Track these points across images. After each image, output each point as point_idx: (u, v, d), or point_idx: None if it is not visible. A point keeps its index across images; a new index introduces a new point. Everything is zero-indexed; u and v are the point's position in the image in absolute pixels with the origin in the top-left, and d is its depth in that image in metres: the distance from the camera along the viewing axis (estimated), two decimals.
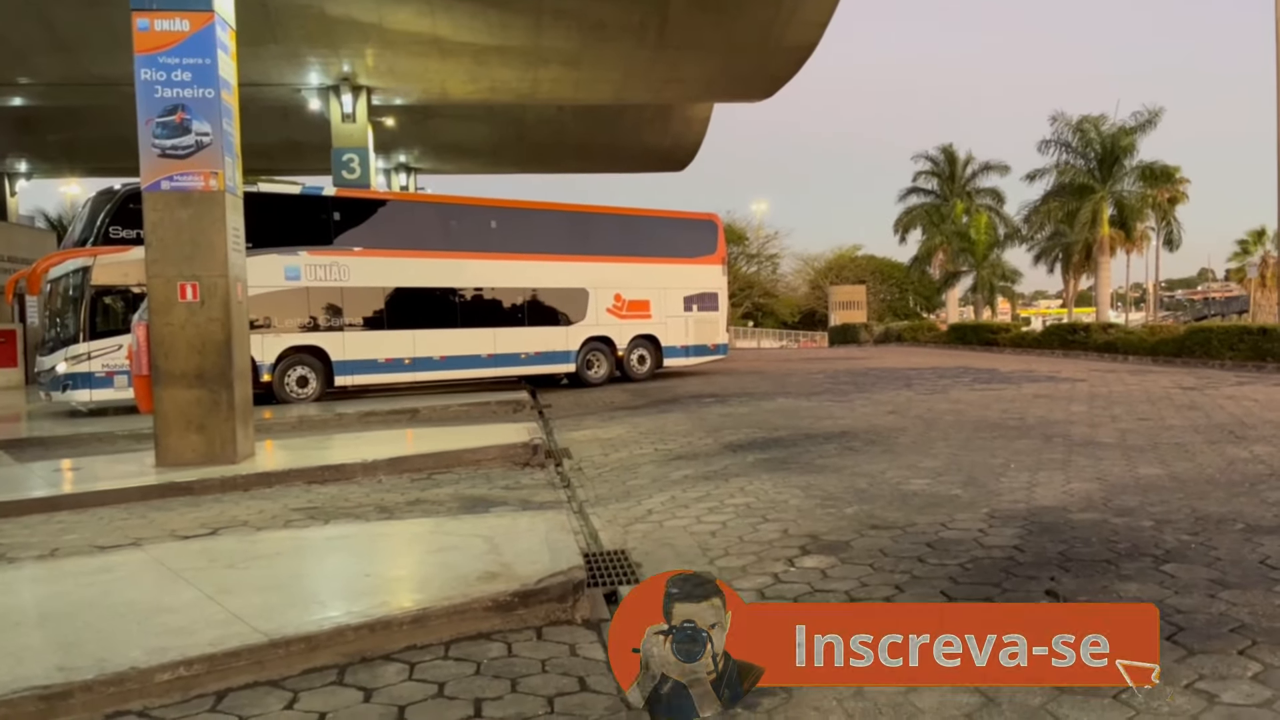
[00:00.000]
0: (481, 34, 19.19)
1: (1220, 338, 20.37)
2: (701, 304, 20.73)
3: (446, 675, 3.68)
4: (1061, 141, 39.26)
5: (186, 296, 8.65)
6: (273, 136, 25.97)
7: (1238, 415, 10.74)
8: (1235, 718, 3.06)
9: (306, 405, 15.18)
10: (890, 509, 6.30)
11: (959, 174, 48.23)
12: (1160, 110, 37.52)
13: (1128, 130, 38.00)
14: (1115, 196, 38.90)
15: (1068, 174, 39.37)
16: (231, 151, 8.90)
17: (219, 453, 8.65)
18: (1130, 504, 6.23)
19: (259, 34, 17.82)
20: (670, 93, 24.90)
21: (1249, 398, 12.68)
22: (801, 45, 20.40)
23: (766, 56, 21.01)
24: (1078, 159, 39.33)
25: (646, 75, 22.00)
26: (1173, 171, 39.36)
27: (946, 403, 12.90)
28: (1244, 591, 4.32)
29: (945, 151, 48.50)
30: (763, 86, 23.56)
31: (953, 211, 45.98)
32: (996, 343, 29.42)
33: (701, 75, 22.64)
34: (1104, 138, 38.34)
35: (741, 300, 54.84)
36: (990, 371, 18.92)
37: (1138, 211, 39.36)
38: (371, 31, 18.92)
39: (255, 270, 11.07)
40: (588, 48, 20.26)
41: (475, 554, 5.04)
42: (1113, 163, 38.55)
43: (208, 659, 3.60)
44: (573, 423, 12.65)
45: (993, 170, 47.45)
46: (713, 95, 26.72)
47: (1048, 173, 40.29)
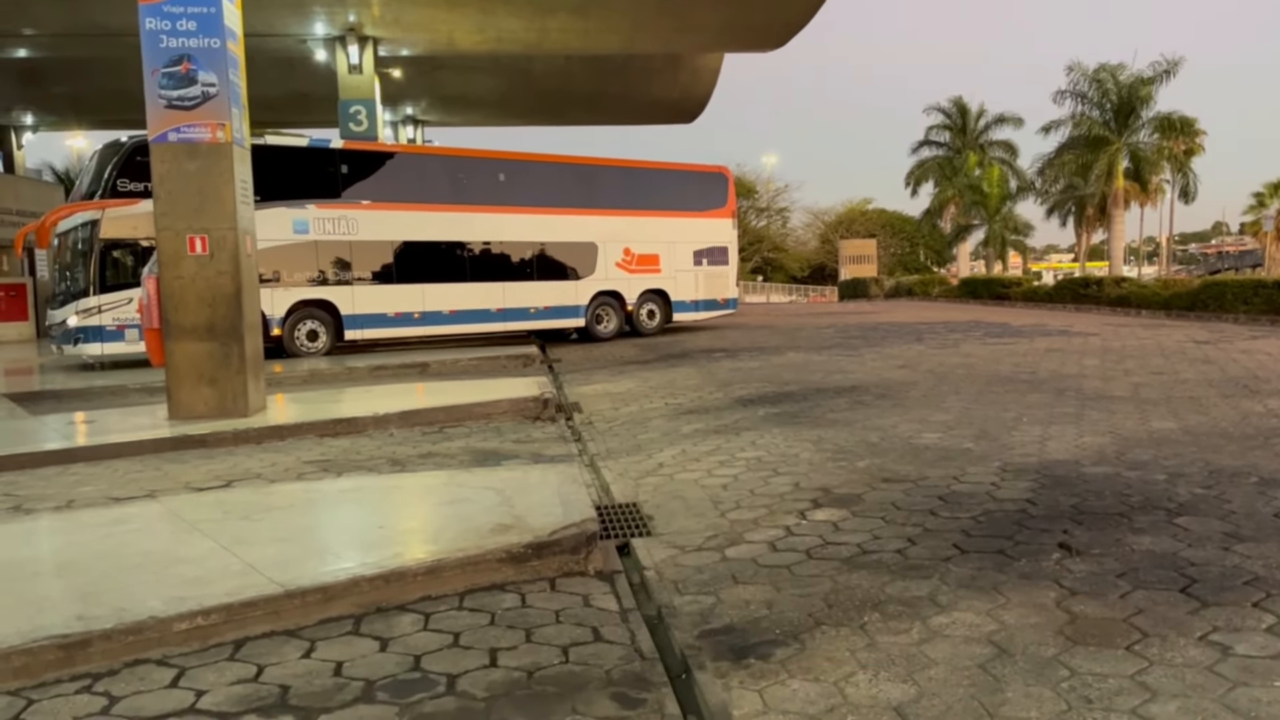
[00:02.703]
0: None
1: (1235, 291, 20.19)
2: (711, 258, 20.62)
3: (461, 625, 3.71)
4: (1077, 92, 38.61)
5: (196, 249, 8.62)
6: (279, 88, 25.71)
7: (1252, 369, 10.67)
8: (1249, 669, 3.07)
9: (317, 359, 15.22)
10: (902, 462, 6.29)
11: (971, 126, 47.60)
12: (1180, 60, 36.81)
13: (1146, 80, 37.34)
14: (1131, 148, 38.34)
15: (1083, 125, 38.77)
16: (238, 102, 8.81)
17: (230, 406, 8.69)
18: (1143, 458, 6.21)
19: None
20: (679, 42, 24.53)
21: (1263, 351, 12.60)
22: None
23: (778, 3, 20.63)
24: (1093, 110, 38.72)
25: (655, 24, 21.65)
26: (1191, 123, 38.74)
27: (958, 357, 12.85)
28: (1258, 544, 4.31)
29: (957, 104, 47.84)
30: (775, 35, 23.16)
31: (965, 164, 45.43)
32: (1008, 297, 29.24)
33: (711, 24, 22.26)
34: (1121, 88, 37.68)
35: (751, 254, 54.55)
36: (1002, 326, 18.82)
37: (1153, 164, 38.82)
38: None
39: (264, 224, 11.02)
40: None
41: (488, 506, 5.06)
42: (1129, 114, 37.93)
43: (225, 609, 3.63)
44: (582, 377, 12.66)
45: (1006, 122, 46.83)
46: (723, 45, 26.29)
47: (1063, 124, 39.70)
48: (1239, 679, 3.00)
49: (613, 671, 3.29)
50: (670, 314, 20.12)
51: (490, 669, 3.32)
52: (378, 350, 16.66)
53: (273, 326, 15.09)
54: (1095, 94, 38.30)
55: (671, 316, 20.16)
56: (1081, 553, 4.29)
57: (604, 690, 3.15)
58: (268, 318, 14.59)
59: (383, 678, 3.25)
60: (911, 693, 3.01)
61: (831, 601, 3.82)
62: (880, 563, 4.28)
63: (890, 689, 3.04)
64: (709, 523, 5.10)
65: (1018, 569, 4.12)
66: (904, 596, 3.84)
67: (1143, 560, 4.16)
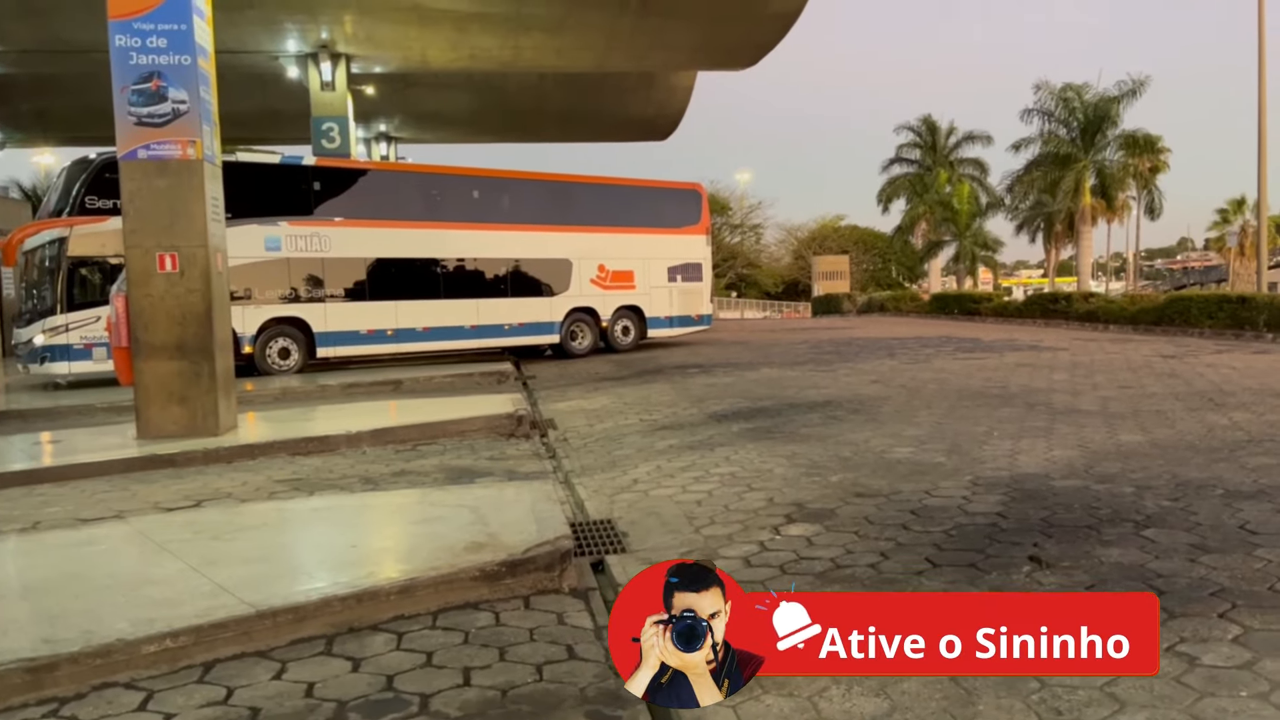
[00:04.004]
0: (462, 1, 18.94)
1: (1200, 306, 20.52)
2: (685, 274, 20.68)
3: (434, 644, 3.69)
4: (1045, 110, 39.22)
5: (165, 267, 8.55)
6: (251, 105, 25.59)
7: (1217, 383, 10.84)
8: (1215, 680, 3.11)
9: (289, 377, 15.10)
10: (875, 477, 6.33)
11: (941, 144, 48.19)
12: (1145, 79, 37.47)
13: (1111, 99, 37.98)
14: (1097, 166, 38.95)
15: (1051, 143, 39.36)
16: (209, 119, 8.77)
17: (201, 424, 8.60)
18: (1112, 470, 6.29)
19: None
20: (653, 60, 24.70)
21: (1228, 365, 12.80)
22: (786, 11, 20.25)
23: (750, 23, 20.83)
24: (1061, 128, 39.32)
25: (629, 43, 21.79)
26: (1155, 140, 39.43)
27: (930, 372, 12.96)
28: (1224, 556, 4.38)
29: (927, 122, 48.43)
30: (747, 54, 23.39)
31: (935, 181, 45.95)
32: (979, 312, 29.53)
33: (684, 43, 22.45)
34: (1087, 106, 38.31)
35: (725, 270, 54.79)
36: (973, 340, 19.00)
37: (1119, 181, 39.45)
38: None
39: (235, 241, 10.95)
40: (569, 14, 20.03)
41: (462, 524, 5.04)
42: (1095, 132, 38.55)
43: (194, 630, 3.59)
44: (557, 393, 12.65)
45: (975, 140, 47.46)
46: (696, 63, 26.51)
47: (1032, 142, 40.28)
48: (1206, 689, 3.05)
49: (587, 689, 3.28)
50: (645, 330, 20.15)
51: (464, 688, 3.31)
52: (351, 368, 16.56)
53: (244, 344, 14.96)
54: (1062, 112, 38.93)
55: (646, 333, 20.19)
56: (1051, 565, 4.33)
57: (578, 708, 3.14)
58: (239, 335, 14.47)
59: (355, 698, 3.23)
60: (885, 707, 3.03)
61: None
62: (854, 577, 4.30)
63: (864, 703, 3.06)
64: (684, 539, 5.11)
65: (989, 582, 4.15)
66: None
67: (1111, 572, 4.21)
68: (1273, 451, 6.75)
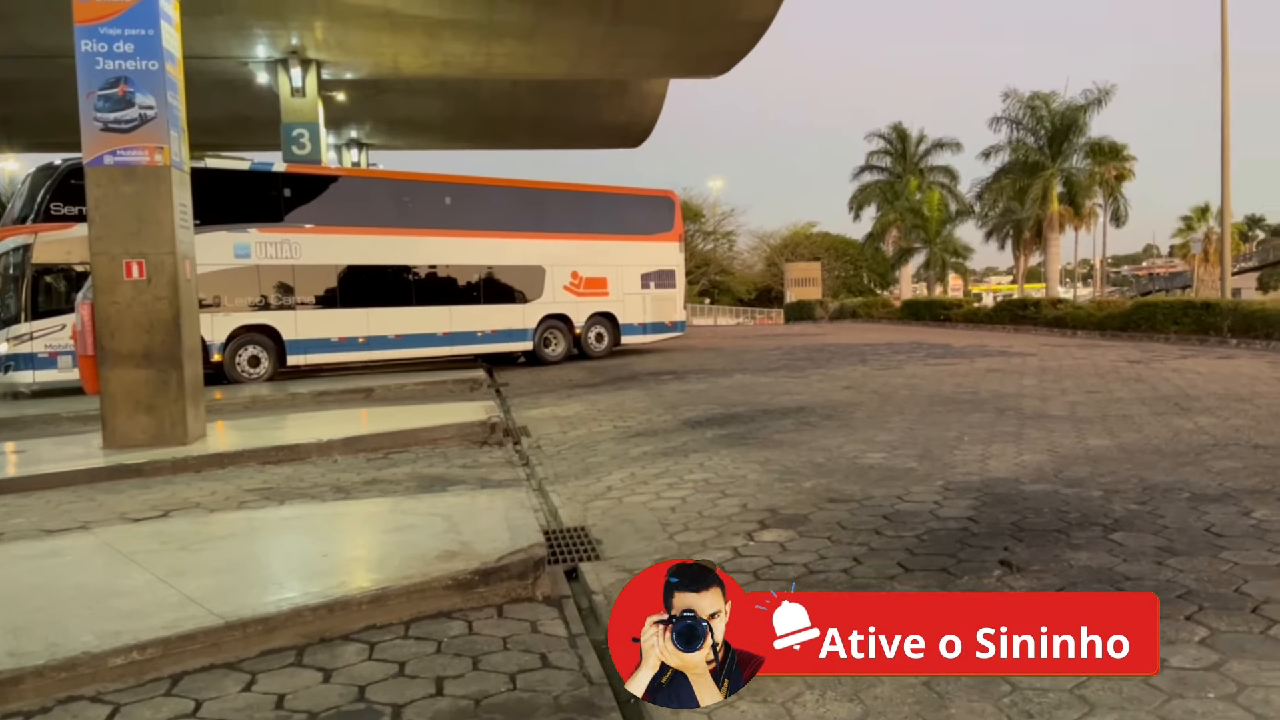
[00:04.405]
0: (433, 7, 18.90)
1: (1165, 312, 20.83)
2: (659, 281, 20.72)
3: (407, 654, 3.66)
4: (1013, 119, 39.70)
5: (132, 274, 8.44)
6: (220, 111, 25.37)
7: (1182, 387, 10.99)
8: (1183, 681, 3.14)
9: (259, 385, 14.96)
10: (847, 482, 6.37)
11: (911, 151, 48.59)
12: (1111, 88, 38.03)
13: (1078, 107, 38.50)
14: (1065, 173, 39.46)
15: (1020, 151, 39.84)
16: (177, 125, 8.69)
17: (169, 434, 8.50)
18: (1080, 475, 6.36)
19: (204, 5, 17.36)
20: (625, 68, 24.76)
21: (1193, 370, 12.99)
22: (757, 20, 20.36)
23: (722, 31, 20.94)
24: (1029, 136, 39.81)
25: (601, 50, 21.83)
26: (1120, 148, 40.03)
27: (901, 377, 13.05)
28: (1190, 559, 4.43)
29: (897, 129, 48.83)
30: (719, 62, 23.51)
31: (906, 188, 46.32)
32: (949, 318, 29.80)
33: (657, 50, 22.52)
34: (1054, 114, 38.81)
35: (698, 277, 54.92)
36: (944, 347, 19.16)
37: (1086, 188, 40.00)
38: (320, 3, 18.55)
39: (204, 248, 10.85)
40: (542, 22, 20.04)
41: (434, 533, 5.00)
42: (1063, 140, 39.05)
43: (162, 642, 3.54)
44: (530, 401, 12.61)
45: (945, 148, 47.89)
46: (668, 71, 26.60)
47: (1001, 150, 40.77)
48: (1174, 691, 3.08)
49: (561, 697, 3.27)
50: (618, 337, 20.15)
51: (436, 698, 3.28)
52: (322, 375, 16.42)
53: (213, 352, 14.82)
54: (1030, 120, 39.42)
55: (619, 339, 20.20)
56: (1022, 569, 4.37)
57: (552, 717, 3.13)
58: (208, 343, 14.32)
59: (326, 709, 3.19)
60: (858, 711, 3.04)
61: None
62: (827, 582, 4.31)
63: (837, 708, 3.07)
64: (658, 545, 5.11)
65: (960, 586, 4.18)
66: None
67: (1080, 575, 4.25)
68: (1237, 455, 6.86)
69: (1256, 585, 4.03)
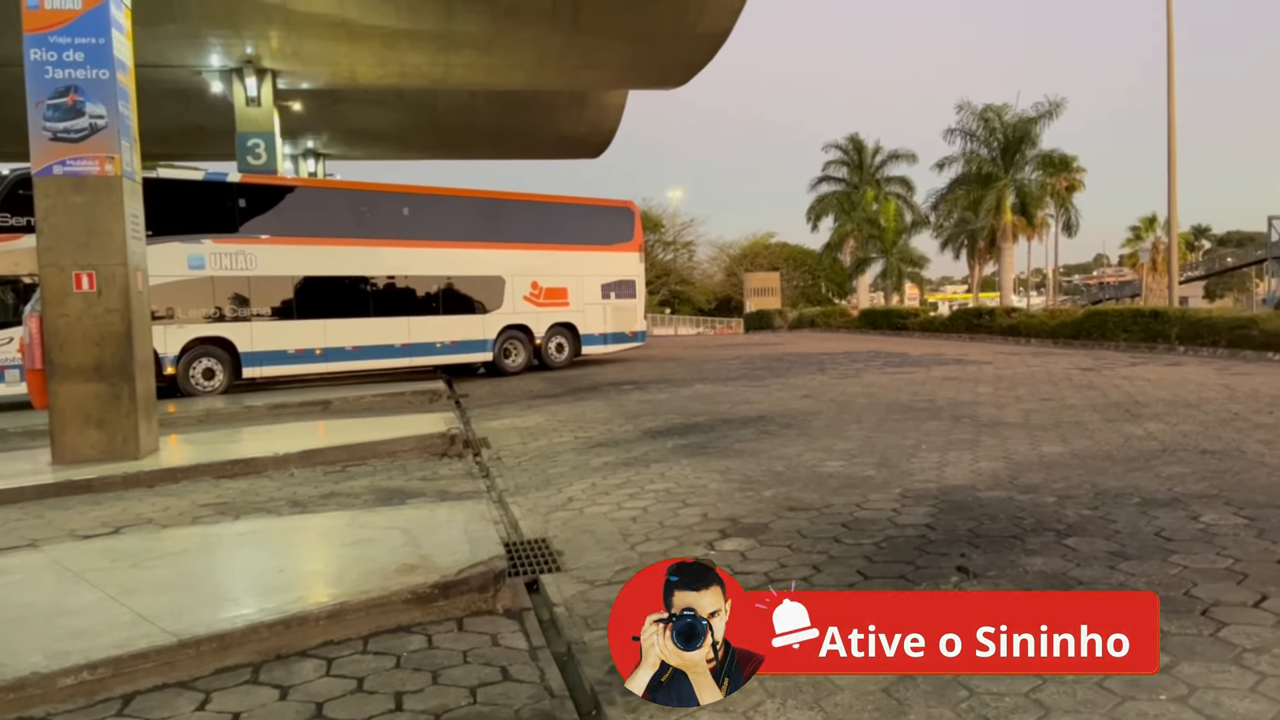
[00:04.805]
0: (391, 17, 18.81)
1: (1115, 320, 21.24)
2: (619, 291, 20.74)
3: (365, 670, 3.62)
4: (966, 130, 40.39)
5: (82, 286, 8.29)
6: (173, 120, 25.04)
7: (1132, 394, 11.21)
8: (1135, 684, 3.20)
9: (213, 398, 14.72)
10: (807, 490, 6.41)
11: (868, 162, 49.21)
12: (1062, 101, 38.86)
13: (1029, 120, 39.23)
14: (1018, 184, 40.19)
15: (974, 162, 40.53)
16: (129, 135, 8.55)
17: (120, 448, 8.33)
18: (1034, 481, 6.46)
19: (156, 13, 17.14)
20: (584, 79, 24.81)
21: (1142, 377, 13.26)
22: (715, 32, 20.52)
23: (680, 43, 21.08)
24: (982, 148, 40.50)
25: (560, 61, 21.87)
26: (1070, 160, 40.86)
27: (859, 386, 13.17)
28: (1141, 562, 4.52)
29: (853, 141, 49.42)
30: (677, 73, 23.65)
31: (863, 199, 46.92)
32: (906, 327, 30.14)
33: (616, 62, 22.61)
34: (1007, 127, 39.53)
35: (659, 287, 55.06)
36: (901, 355, 19.38)
37: (1038, 199, 40.77)
38: (275, 13, 18.38)
39: (157, 259, 10.70)
40: (500, 33, 20.04)
41: (393, 546, 4.96)
42: (1015, 151, 39.80)
43: (113, 662, 3.47)
44: (491, 412, 12.55)
45: (900, 159, 48.58)
46: (627, 82, 26.71)
47: (955, 161, 41.45)
48: (1126, 693, 3.13)
49: (522, 710, 3.25)
50: (579, 347, 20.13)
51: (396, 713, 3.25)
52: (278, 388, 16.21)
53: (166, 365, 14.57)
54: (983, 132, 40.11)
55: (580, 350, 20.18)
56: (978, 575, 4.43)
57: None
58: (161, 356, 14.08)
59: None
60: (818, 719, 3.06)
61: None
62: None
63: (798, 716, 3.08)
64: (619, 556, 5.10)
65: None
66: None
67: (1035, 580, 4.32)
68: (1185, 461, 7.01)
69: (1205, 588, 4.12)
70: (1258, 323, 17.84)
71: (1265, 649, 3.44)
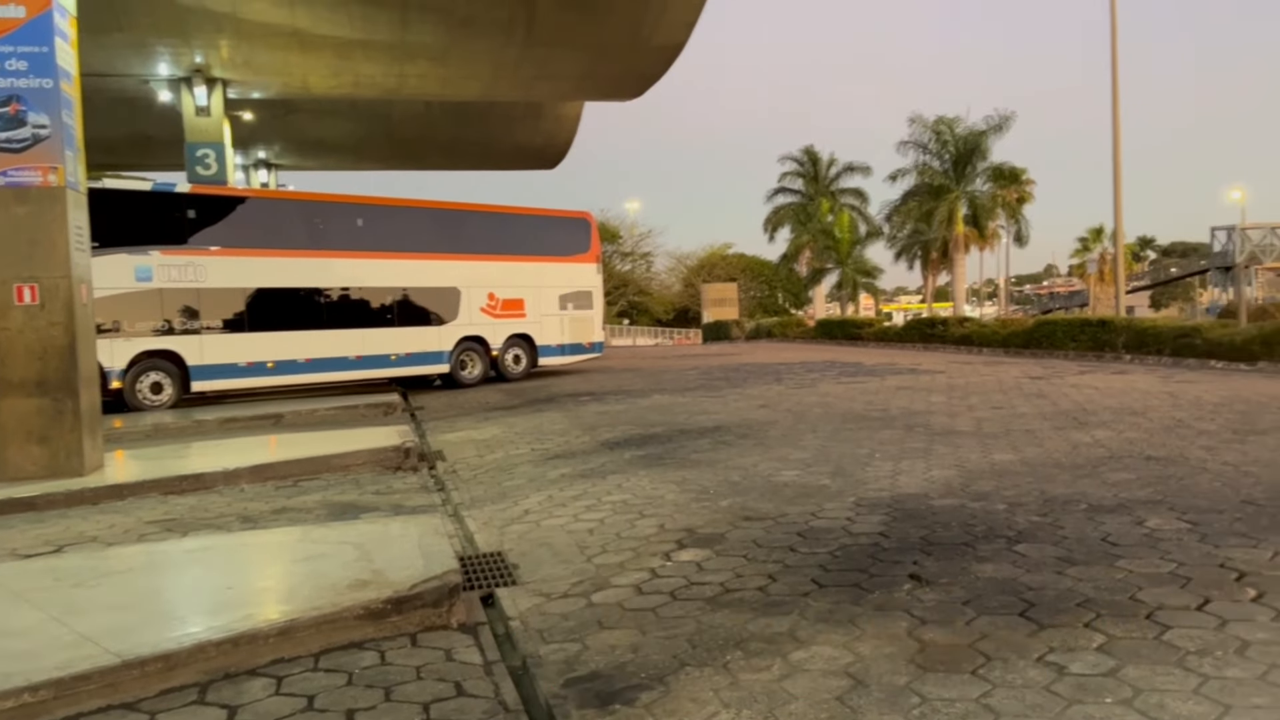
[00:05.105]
0: (344, 27, 18.65)
1: (1064, 330, 21.66)
2: (576, 302, 20.72)
3: (316, 687, 3.56)
4: (919, 143, 41.01)
5: (24, 299, 8.09)
6: (120, 130, 24.59)
7: (1080, 402, 11.43)
8: (1083, 687, 3.25)
9: (161, 413, 14.44)
10: (763, 500, 6.44)
11: (823, 174, 49.76)
12: (1011, 115, 39.68)
13: (980, 133, 39.94)
14: (969, 196, 40.88)
15: (926, 174, 41.17)
16: (73, 145, 8.38)
17: (64, 465, 8.14)
18: (986, 489, 6.55)
19: (103, 21, 16.84)
20: (540, 90, 24.79)
21: (1090, 385, 13.52)
22: (670, 45, 20.62)
23: (636, 55, 21.15)
24: (934, 160, 41.15)
25: (515, 72, 21.83)
26: (1020, 173, 41.66)
27: (815, 396, 13.27)
28: (1088, 568, 4.60)
29: (808, 153, 49.96)
30: (632, 85, 23.71)
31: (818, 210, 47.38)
32: (861, 337, 30.47)
33: (571, 73, 22.61)
34: (958, 139, 40.21)
35: (617, 298, 55.09)
36: (856, 365, 19.57)
37: (989, 210, 41.50)
38: (225, 21, 18.13)
39: (102, 271, 10.48)
40: (455, 43, 19.96)
41: (345, 562, 4.90)
42: (966, 164, 40.50)
43: (55, 684, 3.39)
44: (446, 424, 12.46)
45: (855, 171, 49.19)
46: (583, 93, 26.72)
47: (908, 173, 42.08)
48: (1074, 697, 3.18)
49: None
50: (536, 359, 20.07)
51: None
52: (229, 402, 15.95)
53: (112, 379, 14.27)
54: (935, 145, 40.75)
55: (538, 361, 20.11)
56: (931, 582, 4.47)
57: None
58: (106, 370, 13.80)
59: None
60: None
61: (695, 642, 3.86)
62: (742, 601, 4.35)
63: None
64: (575, 569, 5.08)
65: (872, 601, 4.26)
66: (765, 633, 3.92)
67: (986, 587, 4.37)
68: (1131, 467, 7.15)
69: (1150, 592, 4.20)
70: (1200, 331, 18.30)
71: (1208, 651, 3.52)
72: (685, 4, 18.89)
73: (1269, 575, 4.38)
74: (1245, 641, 3.60)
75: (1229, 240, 47.69)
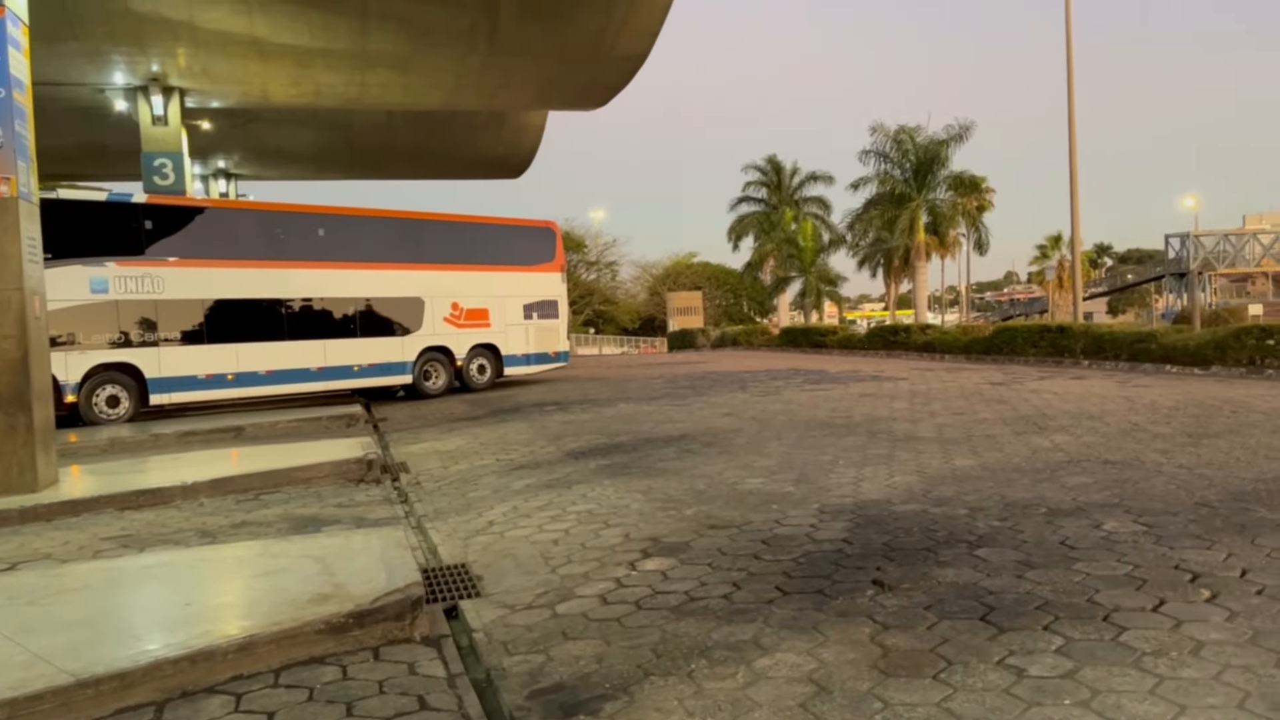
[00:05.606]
0: (304, 36, 18.51)
1: (1024, 336, 21.95)
2: (541, 312, 20.68)
3: (276, 704, 3.52)
4: (880, 152, 41.44)
5: None
6: (75, 139, 24.22)
7: (1040, 407, 11.58)
8: (1042, 689, 3.29)
9: (118, 426, 14.20)
10: (727, 508, 6.45)
11: (786, 183, 50.13)
12: (971, 124, 40.21)
13: (940, 142, 40.44)
14: (930, 205, 41.37)
15: (888, 183, 41.62)
16: (26, 155, 8.23)
17: (16, 481, 7.97)
18: (947, 494, 6.62)
19: (56, 30, 16.60)
20: (502, 100, 24.75)
21: (1049, 391, 13.71)
22: (633, 55, 20.68)
23: (599, 65, 21.20)
24: (896, 169, 41.61)
25: (478, 82, 21.78)
26: (980, 181, 42.21)
27: (779, 404, 13.34)
28: (1047, 571, 4.66)
29: (772, 162, 50.32)
30: (596, 95, 23.76)
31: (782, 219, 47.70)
32: (825, 345, 30.66)
33: (534, 83, 22.62)
34: (919, 148, 40.70)
35: (582, 307, 55.07)
36: (820, 372, 19.70)
37: (950, 219, 42.02)
38: (182, 30, 17.92)
39: (57, 283, 10.32)
40: (416, 53, 19.89)
41: (306, 576, 4.84)
42: (927, 173, 40.99)
43: (7, 704, 3.31)
44: (410, 436, 12.36)
45: (818, 180, 49.62)
46: (546, 103, 26.72)
47: (870, 182, 42.51)
48: (1033, 699, 3.22)
49: None
50: (501, 369, 19.99)
51: None
52: (188, 415, 15.72)
53: (67, 393, 14.02)
54: (896, 154, 41.21)
55: (503, 371, 20.04)
56: (893, 588, 4.51)
57: None
58: (61, 383, 13.56)
59: None
60: None
61: (660, 651, 3.86)
62: (707, 609, 4.35)
63: None
64: (540, 579, 5.06)
65: (835, 607, 4.28)
66: (729, 641, 3.92)
67: (947, 592, 4.41)
68: (1089, 471, 7.26)
69: (1107, 595, 4.26)
70: (1156, 337, 18.63)
71: (1163, 652, 3.57)
72: (647, 14, 18.96)
73: (1222, 576, 4.47)
74: (1200, 642, 3.66)
75: (1183, 247, 48.55)
